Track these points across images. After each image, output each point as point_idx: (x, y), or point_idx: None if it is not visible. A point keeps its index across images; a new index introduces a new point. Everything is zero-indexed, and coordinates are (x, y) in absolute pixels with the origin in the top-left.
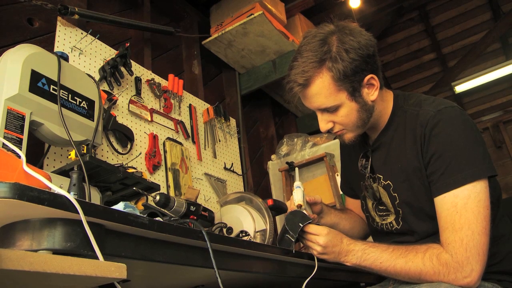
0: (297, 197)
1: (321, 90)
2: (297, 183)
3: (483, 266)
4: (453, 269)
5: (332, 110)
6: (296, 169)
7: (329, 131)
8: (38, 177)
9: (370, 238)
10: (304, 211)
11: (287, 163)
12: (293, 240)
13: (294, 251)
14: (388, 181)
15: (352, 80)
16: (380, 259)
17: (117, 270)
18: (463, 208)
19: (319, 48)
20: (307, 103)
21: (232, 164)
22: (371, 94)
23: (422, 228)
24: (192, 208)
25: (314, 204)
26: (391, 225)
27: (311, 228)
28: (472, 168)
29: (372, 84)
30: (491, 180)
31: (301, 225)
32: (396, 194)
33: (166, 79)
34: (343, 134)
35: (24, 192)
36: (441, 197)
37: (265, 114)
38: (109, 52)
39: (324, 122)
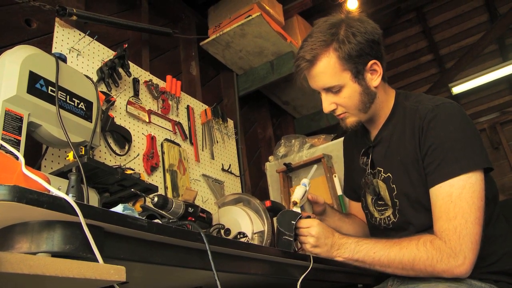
0: (295, 194)
1: (327, 69)
2: (304, 180)
3: (476, 255)
4: (446, 254)
5: (336, 90)
6: (315, 166)
7: (332, 113)
8: (37, 180)
9: None
10: (297, 209)
11: (284, 164)
12: (291, 240)
13: (296, 250)
14: (389, 174)
15: (356, 61)
16: (373, 249)
17: (116, 272)
18: (457, 197)
19: (327, 30)
20: (312, 82)
21: (230, 165)
22: (374, 80)
23: (418, 220)
24: (190, 210)
25: (315, 204)
26: (389, 218)
27: (302, 222)
28: (468, 160)
29: (375, 70)
30: (487, 175)
31: (293, 223)
32: (394, 186)
33: (164, 80)
34: (346, 118)
35: (23, 195)
36: (437, 187)
37: (263, 115)
38: (107, 53)
39: (327, 103)
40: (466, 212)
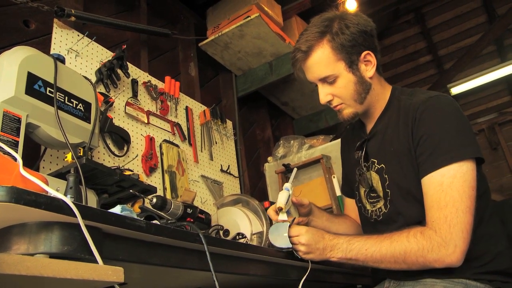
0: (279, 200)
1: (321, 59)
2: (286, 184)
3: (467, 245)
4: (437, 243)
5: (331, 80)
6: (294, 169)
7: (328, 105)
8: (35, 181)
9: None
10: (283, 215)
11: (283, 165)
12: (292, 250)
13: (301, 256)
14: (382, 165)
15: (350, 51)
16: (365, 246)
17: (114, 273)
18: (448, 186)
19: (322, 23)
20: (308, 73)
21: (229, 166)
22: (368, 70)
23: (408, 211)
24: (189, 211)
25: (301, 206)
26: (380, 210)
27: (291, 231)
28: (459, 149)
29: (369, 61)
30: (478, 169)
31: (286, 235)
32: (387, 176)
33: (163, 81)
34: (342, 110)
35: (21, 196)
36: (428, 177)
37: (261, 116)
38: (106, 54)
39: (323, 94)
40: (457, 201)
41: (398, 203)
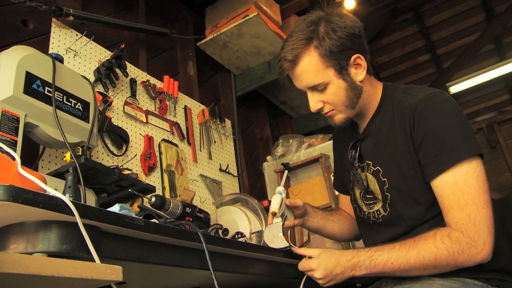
0: (272, 204)
1: (309, 68)
2: (278, 188)
3: (493, 238)
4: (466, 245)
5: (321, 88)
6: (285, 172)
7: (319, 112)
8: (33, 179)
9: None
10: (277, 219)
11: (282, 164)
12: (290, 249)
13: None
14: (378, 167)
15: (338, 57)
16: (391, 259)
17: (113, 272)
18: (464, 184)
19: (307, 28)
20: (297, 82)
21: (228, 165)
22: (358, 74)
23: (409, 214)
24: (188, 210)
25: (295, 208)
26: (378, 212)
27: (303, 265)
28: (465, 146)
29: (359, 64)
30: None
31: (281, 235)
32: (385, 179)
33: (161, 80)
34: (334, 116)
35: (19, 195)
36: (440, 178)
37: (260, 115)
38: (104, 54)
39: (314, 102)
40: (476, 197)
41: (398, 206)
